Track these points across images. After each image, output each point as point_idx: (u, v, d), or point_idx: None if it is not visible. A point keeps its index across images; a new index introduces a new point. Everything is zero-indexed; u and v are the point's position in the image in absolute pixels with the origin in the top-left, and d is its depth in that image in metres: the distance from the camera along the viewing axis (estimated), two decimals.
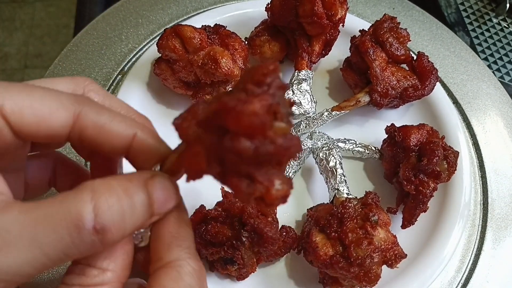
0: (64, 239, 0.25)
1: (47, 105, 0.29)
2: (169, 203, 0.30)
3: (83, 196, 0.26)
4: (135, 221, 0.27)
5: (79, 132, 0.30)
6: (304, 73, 0.57)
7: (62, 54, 0.63)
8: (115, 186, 0.27)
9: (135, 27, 0.66)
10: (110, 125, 0.30)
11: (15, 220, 0.25)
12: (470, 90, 0.65)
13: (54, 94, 0.30)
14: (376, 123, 0.61)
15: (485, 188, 0.57)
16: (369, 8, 0.73)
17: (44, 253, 0.25)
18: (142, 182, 0.28)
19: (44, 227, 0.25)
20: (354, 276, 0.41)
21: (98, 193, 0.26)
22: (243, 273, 0.45)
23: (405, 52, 0.56)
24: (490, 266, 0.51)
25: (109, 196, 0.26)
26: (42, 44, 1.50)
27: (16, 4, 1.54)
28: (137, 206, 0.27)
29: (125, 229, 0.27)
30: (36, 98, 0.29)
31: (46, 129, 0.29)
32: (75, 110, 0.30)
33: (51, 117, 0.29)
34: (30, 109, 0.28)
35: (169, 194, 0.30)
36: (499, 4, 0.82)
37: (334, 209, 0.45)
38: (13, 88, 0.28)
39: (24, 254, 0.24)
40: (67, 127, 0.30)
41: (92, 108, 0.30)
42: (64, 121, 0.29)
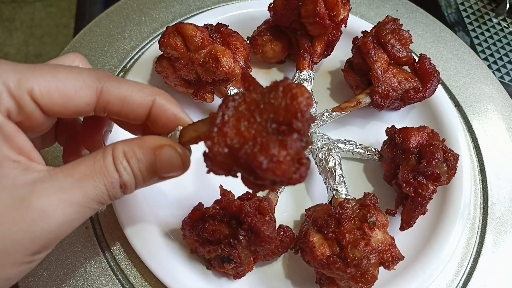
0: (104, 193, 0.32)
1: (72, 85, 0.32)
2: (173, 172, 0.35)
3: (108, 159, 0.32)
4: (143, 181, 0.34)
5: (104, 107, 0.34)
6: (305, 73, 0.57)
7: (65, 50, 0.63)
8: (127, 151, 0.33)
9: (138, 25, 0.66)
10: (131, 95, 0.34)
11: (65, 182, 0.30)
12: (472, 93, 0.65)
13: (76, 73, 0.33)
14: (377, 124, 0.61)
15: (485, 191, 0.56)
16: (373, 10, 0.73)
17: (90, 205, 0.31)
18: (151, 150, 0.33)
19: (89, 185, 0.31)
20: (350, 277, 0.41)
21: (115, 157, 0.32)
22: (240, 271, 0.45)
23: (407, 54, 0.56)
24: (488, 270, 0.51)
25: (122, 159, 0.32)
26: (42, 44, 1.50)
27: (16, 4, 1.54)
28: (143, 170, 0.33)
29: (137, 185, 0.34)
30: (61, 79, 0.32)
31: (73, 107, 0.33)
32: (97, 86, 0.33)
33: (76, 96, 0.32)
34: (57, 91, 0.31)
35: (173, 165, 0.34)
36: (499, 4, 0.82)
37: (332, 209, 0.45)
38: (39, 72, 0.31)
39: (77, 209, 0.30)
40: (92, 103, 0.34)
41: (112, 82, 0.34)
42: (89, 99, 0.33)
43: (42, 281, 0.47)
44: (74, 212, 0.30)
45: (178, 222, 0.47)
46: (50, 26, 1.52)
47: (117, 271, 0.48)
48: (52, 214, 0.29)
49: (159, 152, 0.33)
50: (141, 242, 0.47)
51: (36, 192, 0.29)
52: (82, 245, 0.49)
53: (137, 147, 0.33)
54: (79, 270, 0.47)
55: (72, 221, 0.31)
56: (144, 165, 0.33)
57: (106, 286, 0.47)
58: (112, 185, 0.32)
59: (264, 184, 0.28)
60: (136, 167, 0.33)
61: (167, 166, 0.34)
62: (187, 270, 0.46)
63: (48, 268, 0.47)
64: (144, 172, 0.33)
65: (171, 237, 0.49)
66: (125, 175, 0.32)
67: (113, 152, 0.32)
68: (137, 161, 0.33)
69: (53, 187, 0.29)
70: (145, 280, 0.47)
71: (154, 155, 0.33)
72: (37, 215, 0.28)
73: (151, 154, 0.33)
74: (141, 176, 0.34)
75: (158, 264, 0.46)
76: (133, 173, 0.33)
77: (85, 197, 0.30)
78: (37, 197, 0.29)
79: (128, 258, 0.48)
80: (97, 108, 0.34)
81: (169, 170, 0.34)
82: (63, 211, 0.29)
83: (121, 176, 0.32)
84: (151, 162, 0.33)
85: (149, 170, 0.33)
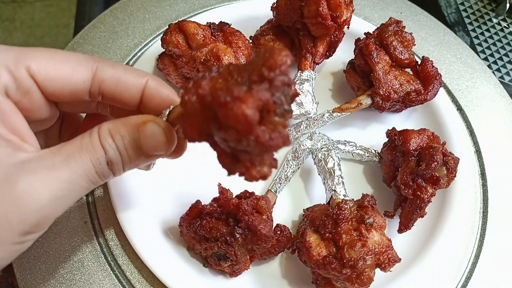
0: (91, 169, 0.32)
1: (69, 63, 0.34)
2: (158, 149, 0.34)
3: (94, 137, 0.32)
4: (129, 159, 0.34)
5: (99, 86, 0.35)
6: (306, 74, 0.57)
7: (69, 46, 0.64)
8: (112, 129, 0.33)
9: (141, 22, 0.67)
10: (125, 75, 0.36)
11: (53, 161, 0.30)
12: (474, 97, 0.64)
13: (72, 54, 0.35)
14: (378, 127, 0.61)
15: (485, 196, 0.56)
16: (376, 12, 0.72)
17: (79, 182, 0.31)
18: (134, 127, 0.33)
19: (77, 163, 0.31)
20: (346, 277, 0.41)
21: (101, 135, 0.32)
22: (236, 269, 0.46)
23: (409, 56, 0.56)
24: (487, 275, 0.51)
25: (108, 137, 0.32)
26: (42, 44, 1.49)
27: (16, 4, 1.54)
28: (128, 147, 0.33)
29: (125, 165, 0.34)
30: (58, 58, 0.33)
31: (69, 85, 0.34)
32: (92, 66, 0.35)
33: (73, 74, 0.34)
34: (54, 68, 0.33)
35: (157, 141, 0.34)
36: (499, 4, 0.82)
37: (330, 210, 0.45)
38: (36, 51, 0.33)
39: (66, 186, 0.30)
40: (88, 81, 0.35)
41: (106, 63, 0.36)
42: (84, 76, 0.34)
43: (40, 274, 0.47)
44: (63, 189, 0.30)
45: (175, 219, 0.47)
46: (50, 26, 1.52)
47: (114, 266, 0.48)
48: (40, 192, 0.29)
49: (143, 128, 0.33)
50: (139, 238, 0.47)
51: (23, 171, 0.29)
52: (80, 239, 0.49)
53: (122, 124, 0.33)
54: (77, 264, 0.48)
55: (61, 198, 0.30)
56: (128, 141, 0.33)
57: (103, 281, 0.47)
58: (98, 161, 0.32)
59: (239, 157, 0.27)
60: (121, 144, 0.33)
61: (151, 142, 0.34)
62: (184, 267, 0.46)
63: (45, 262, 0.48)
64: (128, 149, 0.33)
65: (168, 234, 0.49)
66: (110, 151, 0.32)
67: (98, 130, 0.33)
68: (121, 137, 0.33)
69: (40, 166, 0.29)
70: (141, 275, 0.48)
71: (138, 131, 0.33)
72: (24, 193, 0.28)
73: (134, 130, 0.33)
74: (126, 153, 0.33)
75: (155, 260, 0.46)
76: (118, 150, 0.33)
77: (73, 173, 0.30)
78: (24, 175, 0.29)
79: (125, 253, 0.49)
80: (92, 88, 0.35)
81: (153, 146, 0.34)
82: (51, 188, 0.29)
83: (106, 152, 0.32)
84: (134, 138, 0.33)
85: (133, 147, 0.33)
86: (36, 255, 0.48)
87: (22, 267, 0.47)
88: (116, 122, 0.34)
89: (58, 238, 0.49)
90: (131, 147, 0.33)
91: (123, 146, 0.33)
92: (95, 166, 0.32)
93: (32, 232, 0.30)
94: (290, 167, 0.53)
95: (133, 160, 0.34)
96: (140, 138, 0.33)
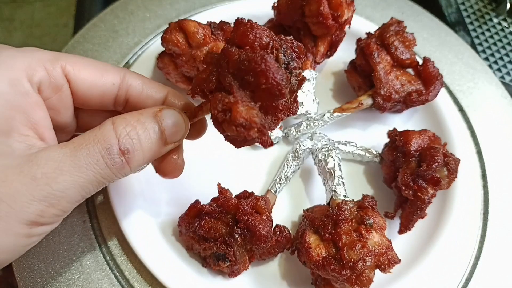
0: (99, 160, 0.31)
1: (100, 67, 0.36)
2: (178, 131, 0.36)
3: (106, 127, 0.32)
4: (151, 146, 0.34)
5: (126, 90, 0.37)
6: (307, 73, 0.57)
7: (69, 45, 0.64)
8: (129, 118, 0.33)
9: (142, 21, 0.66)
10: (149, 84, 0.38)
11: (58, 152, 0.30)
12: (476, 98, 0.64)
13: (101, 62, 0.37)
14: (378, 127, 0.60)
15: (486, 197, 0.56)
16: (378, 12, 0.72)
17: (85, 175, 0.30)
18: (152, 114, 0.34)
19: (82, 153, 0.30)
20: (345, 278, 0.40)
21: (116, 124, 0.32)
22: (235, 270, 0.45)
23: (410, 57, 0.56)
24: (487, 277, 0.51)
25: (125, 125, 0.32)
26: (41, 44, 1.49)
27: (15, 4, 1.54)
28: (149, 132, 0.33)
29: (144, 152, 0.33)
30: (89, 62, 0.36)
31: (100, 86, 0.36)
32: (120, 72, 0.37)
33: (103, 76, 0.36)
34: (86, 70, 0.35)
35: (177, 123, 0.35)
36: (499, 4, 0.82)
37: (330, 210, 0.45)
38: (69, 55, 0.35)
39: (69, 178, 0.30)
40: (117, 83, 0.37)
41: (133, 74, 0.38)
42: (114, 79, 0.36)
43: (39, 273, 0.47)
44: (67, 180, 0.30)
45: (175, 218, 0.47)
46: (50, 26, 1.51)
47: (112, 266, 0.48)
48: (44, 181, 0.29)
49: (159, 114, 0.34)
50: (138, 237, 0.47)
51: (30, 162, 0.29)
52: (79, 238, 0.49)
53: (138, 114, 0.34)
54: (75, 263, 0.48)
55: (66, 190, 0.30)
56: (151, 128, 0.33)
57: (102, 280, 0.47)
58: (108, 151, 0.31)
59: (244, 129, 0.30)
60: (143, 131, 0.33)
61: (172, 127, 0.34)
62: (182, 267, 0.46)
63: (44, 261, 0.47)
64: (152, 135, 0.33)
65: (167, 234, 0.49)
66: (125, 139, 0.32)
67: (114, 120, 0.33)
68: (143, 125, 0.33)
69: (46, 157, 0.30)
70: (140, 275, 0.47)
71: (157, 118, 0.34)
72: (28, 182, 0.29)
73: (154, 117, 0.34)
74: (150, 139, 0.33)
75: (154, 260, 0.46)
76: (140, 137, 0.33)
77: (78, 165, 0.30)
78: (29, 166, 0.29)
79: (124, 253, 0.48)
80: (119, 91, 0.37)
81: (175, 130, 0.35)
82: (55, 179, 0.29)
83: (120, 140, 0.32)
84: (156, 125, 0.34)
85: (156, 133, 0.34)
86: (35, 254, 0.48)
87: (21, 266, 0.47)
88: (131, 113, 0.34)
89: (57, 237, 0.49)
90: (154, 133, 0.34)
91: (147, 131, 0.33)
92: (104, 157, 0.31)
93: (37, 223, 0.30)
94: (290, 167, 0.53)
95: (155, 146, 0.34)
96: (162, 124, 0.34)
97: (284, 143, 0.58)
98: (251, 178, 0.55)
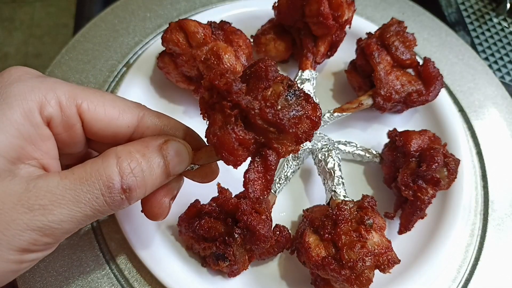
0: (99, 198, 0.30)
1: (117, 106, 0.34)
2: (182, 164, 0.35)
3: (109, 162, 0.31)
4: (154, 181, 0.33)
5: (142, 133, 0.36)
6: (307, 73, 0.57)
7: (70, 45, 0.64)
8: (134, 152, 0.32)
9: (142, 21, 0.66)
10: (168, 127, 0.36)
11: (58, 184, 0.29)
12: (476, 99, 0.64)
13: (122, 99, 0.36)
14: (379, 127, 0.60)
15: (486, 198, 0.56)
16: (379, 12, 0.72)
17: (82, 210, 0.30)
18: (158, 147, 0.33)
19: (82, 189, 0.29)
20: (345, 278, 0.40)
21: (121, 159, 0.31)
22: (234, 270, 0.45)
23: (411, 57, 0.56)
24: (487, 277, 0.50)
25: (130, 161, 0.31)
26: (41, 44, 1.50)
27: (15, 4, 1.54)
28: (154, 168, 0.32)
29: (146, 188, 0.33)
30: (108, 100, 0.34)
31: (114, 128, 0.34)
32: (139, 113, 0.35)
33: (119, 117, 0.34)
34: (103, 109, 0.33)
35: (182, 156, 0.34)
36: (499, 4, 0.82)
37: (329, 210, 0.45)
38: (89, 91, 0.34)
39: (66, 212, 0.29)
40: (132, 127, 0.35)
41: (152, 113, 0.36)
42: (130, 121, 0.35)
43: (39, 272, 0.47)
44: (63, 213, 0.29)
45: (174, 218, 0.47)
46: (50, 26, 1.52)
47: (112, 265, 0.48)
48: (40, 213, 0.29)
49: (165, 146, 0.33)
50: (137, 236, 0.47)
51: (29, 191, 0.29)
52: (79, 238, 0.49)
53: (143, 147, 0.32)
54: (75, 262, 0.48)
55: (61, 223, 0.29)
56: (156, 162, 0.32)
57: (102, 280, 0.47)
58: (109, 190, 0.30)
59: None
60: (148, 167, 0.32)
61: (176, 159, 0.34)
62: (182, 266, 0.46)
63: (44, 260, 0.47)
64: (157, 170, 0.32)
65: (167, 233, 0.49)
66: (129, 177, 0.31)
67: (117, 153, 0.31)
68: (148, 160, 0.32)
69: (46, 189, 0.29)
70: (139, 274, 0.47)
71: (161, 150, 0.33)
72: (24, 212, 0.28)
73: (158, 150, 0.33)
74: (155, 175, 0.33)
75: (153, 259, 0.46)
76: (144, 174, 0.32)
77: (77, 200, 0.29)
78: (28, 196, 0.29)
79: (123, 252, 0.48)
80: (135, 133, 0.35)
81: (178, 162, 0.34)
82: (51, 212, 0.29)
83: (123, 178, 0.31)
84: (161, 159, 0.33)
85: (161, 168, 0.33)
86: None
87: None
88: (134, 145, 0.33)
89: None
90: (159, 167, 0.33)
91: (151, 167, 0.32)
92: (104, 195, 0.30)
93: (29, 251, 0.30)
94: (290, 167, 0.53)
95: (159, 181, 0.33)
96: (167, 157, 0.33)
97: None
98: None
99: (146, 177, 0.32)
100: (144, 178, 0.32)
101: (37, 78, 0.33)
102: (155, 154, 0.33)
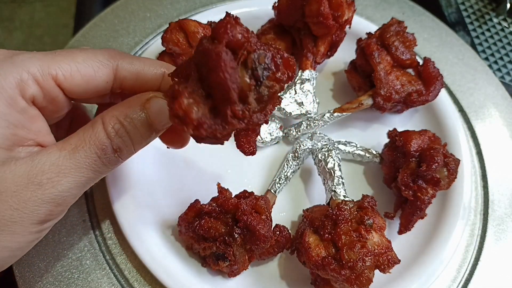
0: (97, 160, 0.33)
1: (90, 66, 0.35)
2: (166, 121, 0.35)
3: (98, 128, 0.33)
4: (140, 139, 0.35)
5: (120, 83, 0.37)
6: (307, 73, 0.57)
7: (70, 45, 0.64)
8: (117, 115, 0.34)
9: (142, 21, 0.66)
10: (144, 69, 0.37)
11: (59, 156, 0.32)
12: (476, 99, 0.64)
13: (92, 54, 0.36)
14: (379, 127, 0.60)
15: (486, 198, 0.56)
16: (379, 12, 0.72)
17: (85, 174, 0.33)
18: (140, 107, 0.34)
19: (81, 155, 0.32)
20: (345, 278, 0.40)
21: (106, 124, 0.33)
22: (234, 270, 0.45)
23: (411, 57, 0.56)
24: (487, 277, 0.51)
25: (114, 123, 0.33)
26: (41, 44, 1.49)
27: (15, 4, 1.54)
28: (138, 127, 0.34)
29: (135, 146, 0.35)
30: (80, 61, 0.35)
31: (93, 87, 0.36)
32: (113, 65, 0.36)
33: (96, 76, 0.35)
34: (78, 73, 0.34)
35: (166, 112, 0.34)
36: (499, 4, 0.82)
37: (329, 210, 0.45)
38: (59, 57, 0.34)
39: (72, 179, 0.32)
40: (110, 81, 0.36)
41: (125, 59, 0.37)
42: (107, 77, 0.36)
43: (39, 272, 0.47)
44: (70, 181, 0.32)
45: (174, 218, 0.47)
46: (50, 26, 1.51)
47: (112, 265, 0.48)
48: (50, 185, 0.31)
49: (148, 105, 0.34)
50: (137, 236, 0.47)
51: (34, 168, 0.31)
52: (79, 237, 0.49)
53: (126, 107, 0.34)
54: (75, 262, 0.48)
55: (70, 190, 0.33)
56: (139, 121, 0.34)
57: (101, 279, 0.47)
58: (104, 152, 0.33)
59: None
60: (131, 126, 0.34)
61: (160, 116, 0.35)
62: (182, 266, 0.46)
63: (44, 260, 0.48)
64: (140, 128, 0.34)
65: (167, 233, 0.49)
66: (116, 138, 0.33)
67: (103, 119, 0.34)
68: (131, 120, 0.34)
69: (49, 163, 0.32)
70: (139, 274, 0.47)
71: (144, 109, 0.34)
72: (36, 188, 0.31)
73: (141, 109, 0.34)
74: (139, 133, 0.34)
75: (153, 259, 0.46)
76: (129, 134, 0.34)
77: (78, 167, 0.32)
78: (34, 173, 0.31)
79: (123, 252, 0.48)
80: (114, 85, 0.37)
81: (163, 119, 0.35)
82: (59, 182, 0.32)
83: (112, 140, 0.33)
84: (143, 116, 0.34)
85: (144, 125, 0.34)
86: (35, 253, 0.48)
87: (20, 265, 0.47)
88: (118, 107, 0.35)
89: (56, 236, 0.49)
90: (142, 126, 0.34)
91: (135, 126, 0.34)
92: (100, 157, 0.33)
93: (48, 220, 0.33)
94: (290, 167, 0.53)
95: (145, 138, 0.35)
96: (150, 115, 0.34)
97: (284, 143, 0.58)
98: (251, 178, 0.55)
99: (131, 136, 0.34)
100: (130, 138, 0.34)
101: (5, 60, 0.33)
102: (138, 113, 0.34)
